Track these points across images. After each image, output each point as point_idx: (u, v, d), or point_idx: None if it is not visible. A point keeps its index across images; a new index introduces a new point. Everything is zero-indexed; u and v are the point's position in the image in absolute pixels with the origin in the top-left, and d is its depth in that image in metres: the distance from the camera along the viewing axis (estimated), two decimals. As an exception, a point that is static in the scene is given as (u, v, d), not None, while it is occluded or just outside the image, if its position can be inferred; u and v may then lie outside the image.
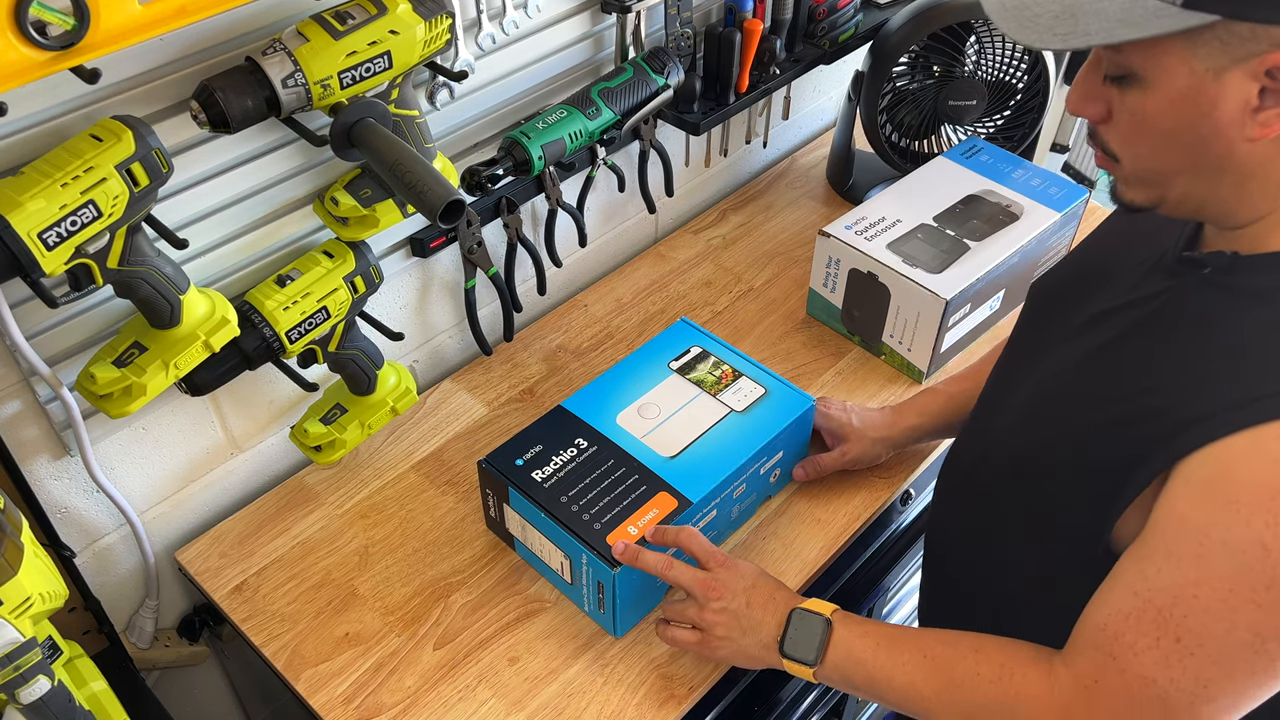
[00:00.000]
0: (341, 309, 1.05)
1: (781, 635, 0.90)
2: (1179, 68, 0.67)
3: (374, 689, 1.00)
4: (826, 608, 0.91)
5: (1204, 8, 0.63)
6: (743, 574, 0.94)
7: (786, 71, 1.39)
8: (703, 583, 0.94)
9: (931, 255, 1.27)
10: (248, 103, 0.85)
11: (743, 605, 0.93)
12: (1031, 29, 0.70)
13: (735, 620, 0.93)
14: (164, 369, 0.92)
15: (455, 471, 1.20)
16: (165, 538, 1.15)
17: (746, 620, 0.92)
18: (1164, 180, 0.74)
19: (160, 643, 1.18)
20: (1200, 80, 0.66)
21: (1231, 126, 0.67)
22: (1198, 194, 0.73)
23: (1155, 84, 0.69)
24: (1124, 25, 0.66)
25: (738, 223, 1.57)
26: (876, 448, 1.14)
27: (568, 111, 1.16)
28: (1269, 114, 0.66)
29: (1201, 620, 0.67)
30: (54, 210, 0.77)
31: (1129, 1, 0.66)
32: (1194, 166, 0.71)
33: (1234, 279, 0.75)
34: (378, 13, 0.90)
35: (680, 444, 1.07)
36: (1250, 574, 0.66)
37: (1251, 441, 0.67)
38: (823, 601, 0.92)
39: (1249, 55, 0.64)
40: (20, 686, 0.78)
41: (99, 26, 0.71)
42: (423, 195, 0.88)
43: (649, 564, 0.95)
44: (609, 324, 1.40)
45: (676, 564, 0.95)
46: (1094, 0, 0.67)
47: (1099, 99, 0.74)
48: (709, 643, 0.95)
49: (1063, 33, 0.68)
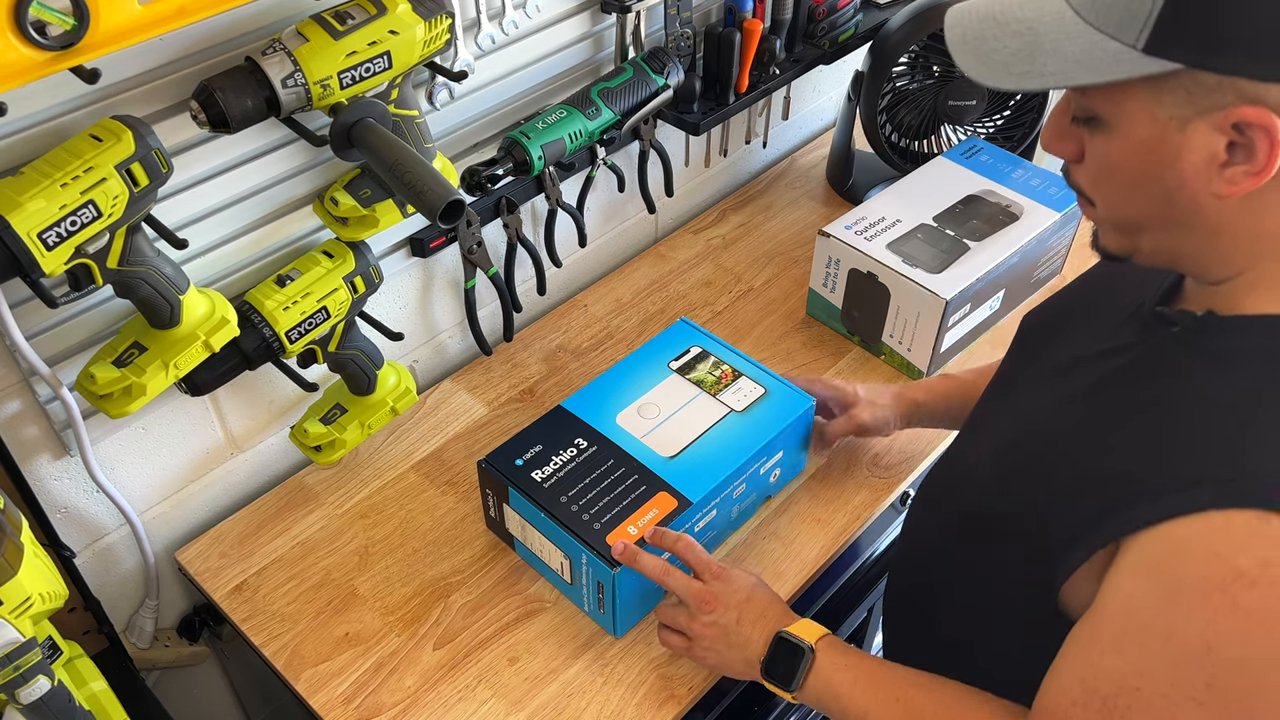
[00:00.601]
0: (341, 309, 1.05)
1: (765, 656, 0.90)
2: (1141, 114, 0.64)
3: (374, 689, 1.00)
4: (814, 633, 0.90)
5: (1166, 54, 0.61)
6: (737, 588, 0.94)
7: (786, 72, 1.39)
8: (696, 594, 0.94)
9: (931, 255, 1.27)
10: (247, 103, 0.85)
11: (733, 621, 0.93)
12: (988, 65, 0.68)
13: (724, 634, 0.93)
14: (164, 369, 0.92)
15: (455, 471, 1.20)
16: (165, 538, 1.15)
17: (735, 636, 0.92)
18: (1136, 229, 0.71)
19: (160, 643, 1.18)
20: (1163, 129, 0.64)
21: (1197, 180, 0.64)
22: (1170, 246, 0.70)
23: (1118, 129, 0.66)
24: (1082, 68, 0.64)
25: (738, 223, 1.57)
26: (884, 413, 1.13)
27: (567, 111, 1.16)
28: (1236, 171, 0.62)
29: (1144, 714, 0.65)
30: (54, 210, 0.77)
31: (1089, 43, 0.63)
32: (1162, 217, 0.69)
33: (1201, 340, 0.71)
34: (377, 13, 0.90)
35: (680, 444, 1.07)
36: (1191, 672, 0.63)
37: (1197, 530, 0.63)
38: (813, 624, 0.91)
39: (1215, 107, 0.61)
40: (20, 686, 0.78)
41: (99, 26, 0.71)
42: (422, 195, 0.88)
43: (646, 567, 0.95)
44: (609, 324, 1.40)
45: (673, 571, 0.95)
46: (1053, 39, 0.65)
47: (1071, 138, 0.71)
48: (696, 651, 0.96)
49: (1018, 72, 0.66)
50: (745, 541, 1.12)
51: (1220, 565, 0.61)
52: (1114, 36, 0.62)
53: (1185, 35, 0.60)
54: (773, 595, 0.95)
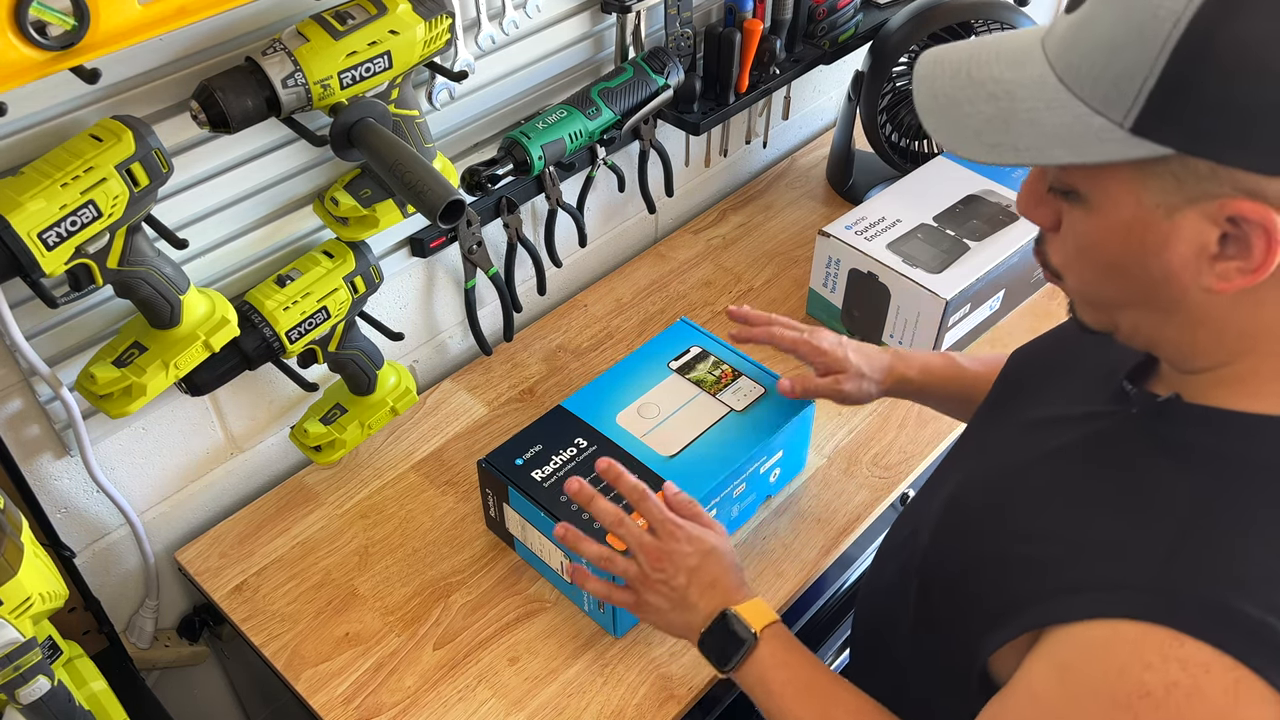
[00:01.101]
0: (341, 309, 1.05)
1: (706, 629, 0.87)
2: (1125, 197, 0.59)
3: (374, 689, 1.00)
4: (761, 618, 0.86)
5: (1156, 137, 0.55)
6: (690, 550, 0.89)
7: (786, 71, 1.39)
8: (648, 550, 0.89)
9: (931, 255, 1.27)
10: (248, 103, 0.85)
11: (682, 584, 0.89)
12: (959, 133, 0.62)
13: (673, 595, 0.89)
14: (164, 369, 0.92)
15: (455, 471, 1.20)
16: (165, 538, 1.15)
17: (683, 599, 0.89)
18: (1112, 309, 0.67)
19: (160, 643, 1.18)
20: (1149, 215, 0.58)
21: (1184, 271, 0.59)
22: (1147, 330, 0.66)
23: (1099, 209, 0.61)
24: (1060, 144, 0.58)
25: (738, 223, 1.57)
26: (869, 386, 1.06)
27: (568, 111, 1.16)
28: (1228, 266, 0.57)
29: None
30: (54, 210, 0.77)
31: (1070, 116, 0.57)
32: (1142, 302, 0.64)
33: (1162, 428, 0.67)
34: (378, 13, 0.90)
35: (680, 443, 1.07)
36: None
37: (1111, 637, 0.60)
38: (762, 606, 0.87)
39: (1207, 196, 0.56)
40: (20, 686, 0.78)
41: (99, 27, 0.71)
42: (422, 195, 0.88)
43: (599, 510, 0.91)
44: (609, 324, 1.40)
45: (628, 521, 0.91)
46: (1030, 107, 0.59)
47: (1047, 206, 0.66)
48: (640, 605, 0.91)
49: (990, 142, 0.61)
50: (746, 541, 1.12)
51: (1128, 680, 0.58)
52: (1099, 111, 0.57)
53: (1178, 117, 0.54)
54: (726, 562, 0.90)
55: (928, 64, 0.66)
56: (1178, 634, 0.57)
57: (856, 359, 1.06)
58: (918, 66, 0.67)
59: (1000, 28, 1.38)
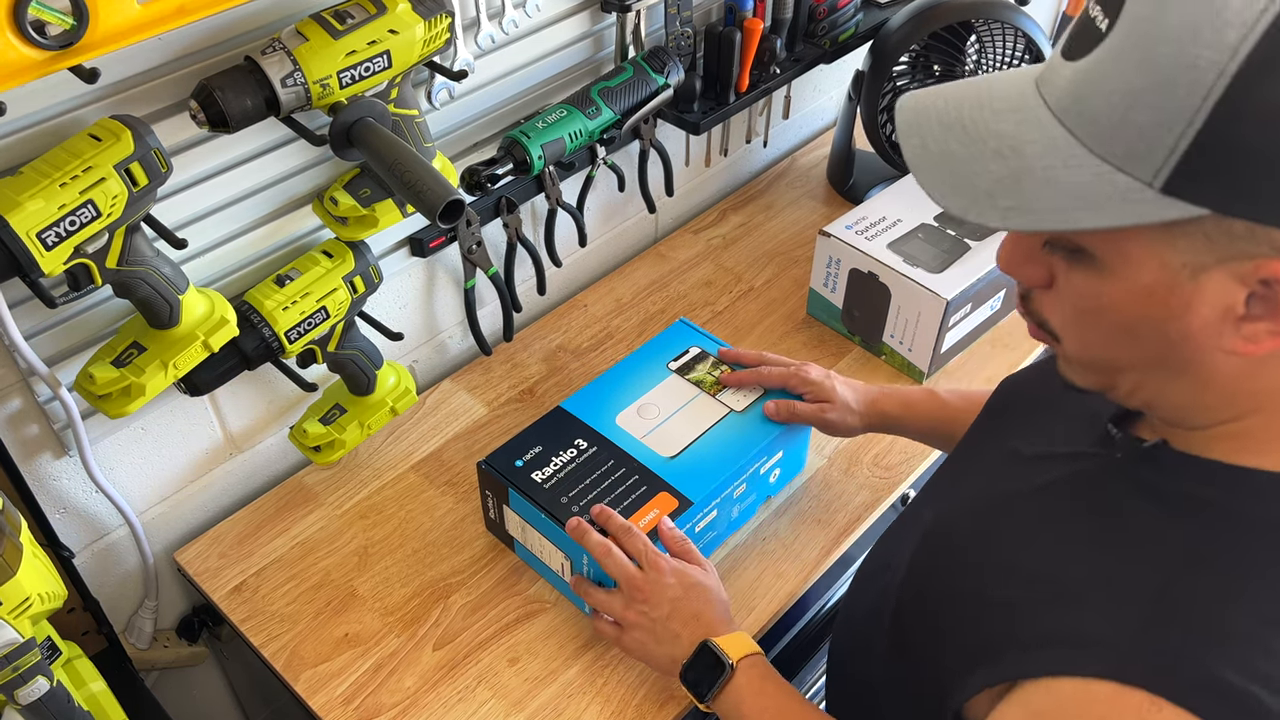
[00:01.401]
0: (341, 309, 1.04)
1: (687, 660, 0.88)
2: (1147, 259, 0.54)
3: (373, 690, 0.99)
4: (739, 649, 0.86)
5: (1190, 197, 0.50)
6: (674, 583, 0.92)
7: (787, 71, 1.39)
8: (631, 580, 0.92)
9: (932, 255, 1.27)
10: (247, 102, 0.85)
11: (663, 615, 0.90)
12: (966, 194, 0.56)
13: (653, 627, 0.91)
14: (163, 369, 0.91)
15: (455, 472, 1.20)
16: (164, 538, 1.15)
17: (664, 631, 0.90)
18: (1113, 371, 0.63)
19: (159, 643, 1.17)
20: (1173, 277, 0.54)
21: (1205, 332, 0.55)
22: (1150, 390, 0.62)
23: (1115, 271, 0.56)
24: (1083, 207, 0.53)
25: (738, 222, 1.57)
26: (850, 418, 1.08)
27: (567, 111, 1.15)
28: (1257, 328, 0.54)
29: None
30: (53, 210, 0.77)
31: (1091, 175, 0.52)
32: (1151, 364, 0.60)
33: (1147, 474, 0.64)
34: (377, 12, 0.90)
35: (680, 444, 1.06)
36: None
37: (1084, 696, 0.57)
38: (744, 639, 0.88)
39: (1240, 256, 0.51)
40: (19, 687, 0.78)
41: (98, 26, 0.70)
42: (422, 195, 0.88)
43: (590, 544, 0.94)
44: (609, 324, 1.40)
45: (614, 553, 0.93)
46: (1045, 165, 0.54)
47: (1039, 262, 0.61)
48: (625, 640, 0.94)
49: (1005, 206, 0.55)
50: (746, 542, 1.12)
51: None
52: (1122, 169, 0.52)
53: (1216, 176, 0.50)
54: (712, 597, 0.92)
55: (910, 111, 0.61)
56: (1155, 698, 0.55)
57: (843, 391, 1.09)
58: (898, 114, 0.62)
59: (1000, 28, 1.38)
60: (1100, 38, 0.52)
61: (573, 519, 0.97)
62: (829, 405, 1.08)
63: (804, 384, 1.10)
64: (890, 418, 1.09)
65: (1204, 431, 0.62)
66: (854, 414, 1.09)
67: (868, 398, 1.10)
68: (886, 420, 1.09)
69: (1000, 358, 1.34)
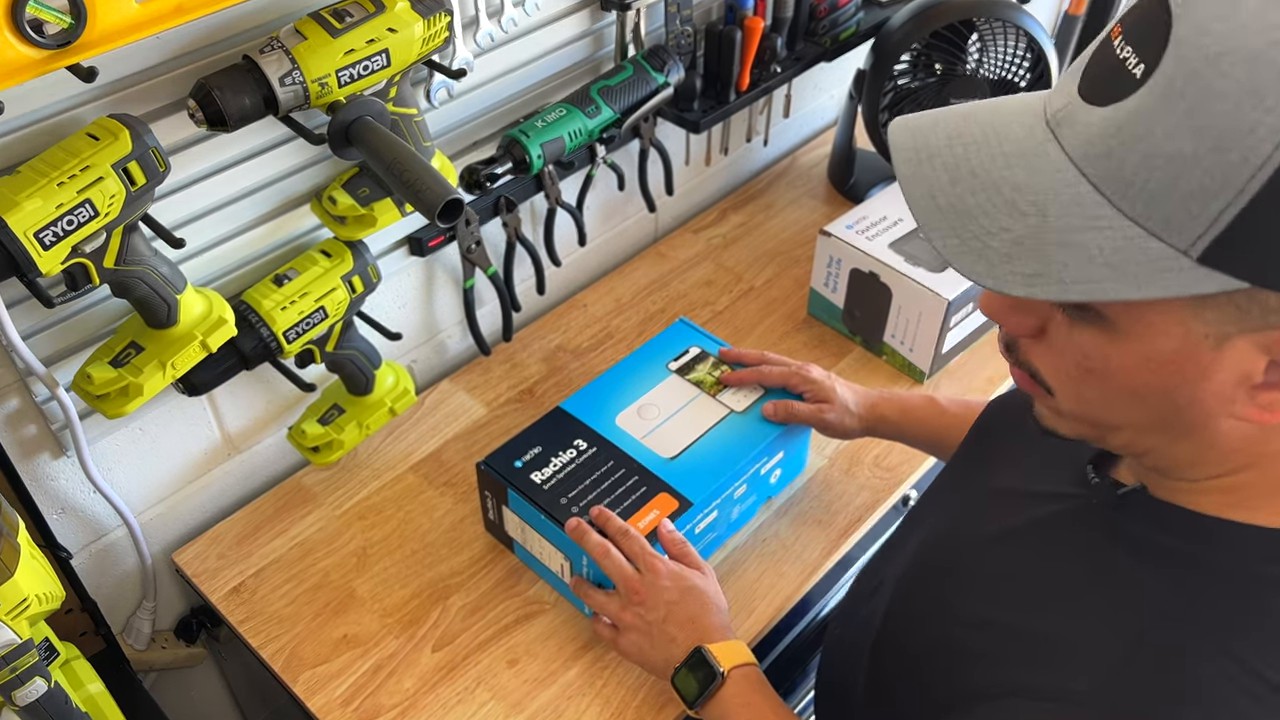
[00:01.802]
0: (339, 309, 1.04)
1: (679, 665, 0.88)
2: (1169, 328, 0.51)
3: (372, 691, 0.99)
4: (732, 658, 0.86)
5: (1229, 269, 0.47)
6: (670, 585, 0.91)
7: (787, 70, 1.38)
8: (628, 582, 0.92)
9: (933, 255, 1.26)
10: (245, 101, 0.85)
11: (659, 618, 0.90)
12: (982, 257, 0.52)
13: (649, 630, 0.91)
14: (161, 369, 0.91)
15: (454, 472, 1.20)
16: (162, 539, 1.15)
17: (659, 634, 0.90)
18: (1108, 428, 0.60)
19: (157, 644, 1.17)
20: (1195, 346, 0.51)
21: (1217, 398, 0.53)
22: (1142, 446, 0.60)
23: (1129, 335, 0.53)
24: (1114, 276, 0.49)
25: (738, 222, 1.56)
26: (849, 420, 1.08)
27: (567, 110, 1.15)
28: (1274, 396, 0.51)
29: None
30: (50, 209, 0.76)
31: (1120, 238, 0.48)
32: (1153, 426, 0.57)
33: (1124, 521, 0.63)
34: (376, 10, 0.89)
35: (680, 445, 1.06)
36: None
37: None
38: (739, 647, 0.88)
39: (1268, 327, 0.49)
40: (17, 688, 0.78)
41: (96, 25, 0.70)
42: (421, 194, 0.88)
43: (589, 545, 0.94)
44: (608, 324, 1.40)
45: (613, 554, 0.93)
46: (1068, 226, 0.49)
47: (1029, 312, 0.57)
48: (621, 642, 0.94)
49: (1028, 273, 0.50)
50: (746, 543, 1.12)
51: None
52: (1156, 234, 0.48)
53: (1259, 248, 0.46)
54: (709, 602, 0.91)
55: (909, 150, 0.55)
56: None
57: (843, 392, 1.09)
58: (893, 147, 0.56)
59: (1002, 26, 1.38)
60: (1134, 85, 0.48)
61: (572, 520, 0.97)
62: (828, 406, 1.08)
63: (804, 383, 1.09)
64: (889, 422, 1.09)
65: (1192, 483, 0.60)
66: (853, 416, 1.08)
67: (867, 401, 1.09)
68: (885, 425, 1.09)
69: (1001, 359, 1.33)
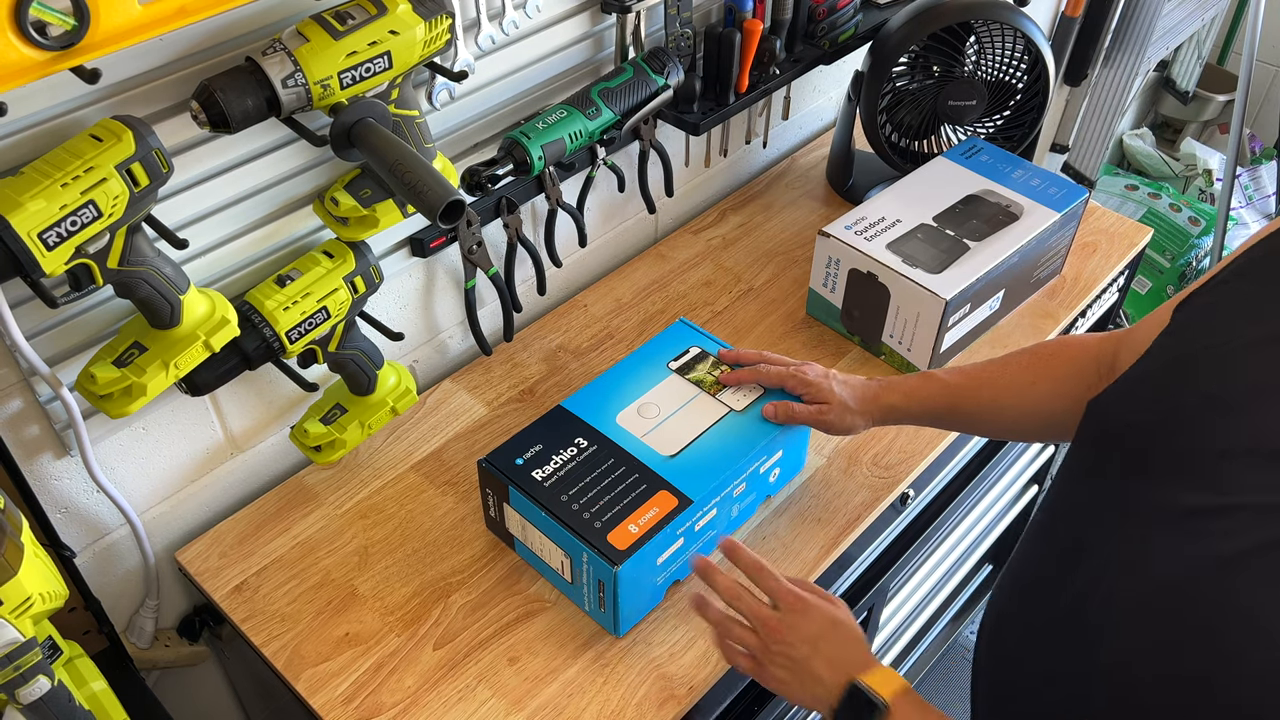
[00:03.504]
0: (341, 309, 1.05)
1: (838, 705, 0.85)
2: None
3: (374, 689, 1.00)
4: (890, 686, 0.82)
5: None
6: (812, 619, 0.89)
7: (786, 72, 1.39)
8: (768, 623, 0.90)
9: (931, 255, 1.27)
10: (248, 103, 0.85)
11: (805, 655, 0.88)
12: None
13: (795, 667, 0.88)
14: (164, 369, 0.92)
15: (455, 471, 1.20)
16: (165, 538, 1.15)
17: (806, 672, 0.87)
18: None
19: (160, 643, 1.18)
20: None
21: None
22: None
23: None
24: None
25: (737, 223, 1.57)
26: (850, 417, 1.08)
27: (568, 111, 1.16)
28: None
29: None
30: (54, 210, 0.77)
31: None
32: None
33: None
34: (378, 13, 0.90)
35: (680, 443, 1.07)
36: None
37: None
38: (891, 674, 0.84)
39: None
40: (20, 686, 0.78)
41: (99, 27, 0.71)
42: (422, 195, 0.88)
43: (719, 586, 0.92)
44: (609, 324, 1.40)
45: (744, 595, 0.92)
46: None
47: None
48: (765, 676, 0.91)
49: None
50: (745, 541, 1.12)
51: None
52: None
53: None
54: (851, 635, 0.89)
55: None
56: None
57: (842, 392, 1.09)
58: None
59: (1000, 28, 1.38)
60: None
61: (699, 558, 0.95)
62: (827, 407, 1.08)
63: (801, 385, 1.10)
64: (896, 410, 1.08)
65: None
66: (853, 413, 1.08)
67: (868, 394, 1.09)
68: (893, 413, 1.09)
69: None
